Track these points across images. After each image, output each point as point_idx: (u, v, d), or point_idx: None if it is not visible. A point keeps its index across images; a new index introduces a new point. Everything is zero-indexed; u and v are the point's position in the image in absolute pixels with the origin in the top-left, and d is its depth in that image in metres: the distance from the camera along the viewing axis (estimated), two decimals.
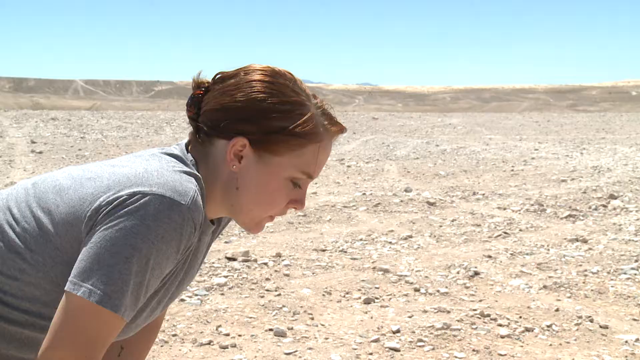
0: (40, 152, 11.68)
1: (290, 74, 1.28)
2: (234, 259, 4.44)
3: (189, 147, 1.30)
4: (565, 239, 5.20)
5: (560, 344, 3.09)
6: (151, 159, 1.23)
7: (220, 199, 1.28)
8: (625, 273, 4.19)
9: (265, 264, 4.38)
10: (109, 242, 1.09)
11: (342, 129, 1.30)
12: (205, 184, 1.25)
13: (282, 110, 1.22)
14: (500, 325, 3.29)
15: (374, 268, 4.33)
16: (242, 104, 1.22)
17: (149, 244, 1.10)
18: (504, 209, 6.49)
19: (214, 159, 1.26)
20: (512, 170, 9.74)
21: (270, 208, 1.27)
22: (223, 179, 1.26)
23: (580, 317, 3.40)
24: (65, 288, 1.10)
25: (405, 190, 7.57)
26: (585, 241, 5.07)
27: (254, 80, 1.23)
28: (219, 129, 1.24)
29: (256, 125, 1.21)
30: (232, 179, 1.25)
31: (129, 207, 1.10)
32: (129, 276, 1.09)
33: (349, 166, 10.23)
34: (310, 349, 3.02)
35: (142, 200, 1.11)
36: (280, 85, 1.24)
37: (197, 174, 1.23)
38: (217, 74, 1.28)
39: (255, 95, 1.22)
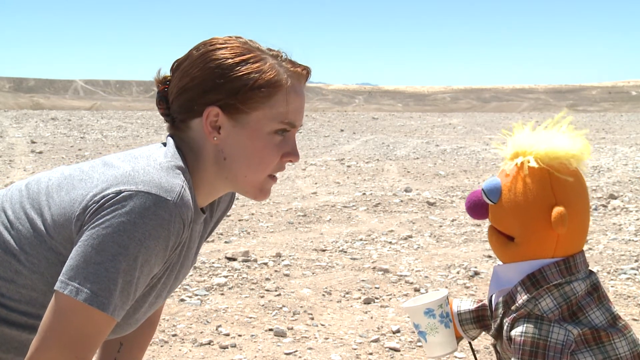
0: (40, 152, 11.68)
1: (237, 36, 1.29)
2: (234, 259, 4.44)
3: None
4: None
5: None
6: (140, 157, 1.23)
7: (213, 178, 1.27)
8: (625, 273, 4.19)
9: (265, 264, 4.38)
10: (95, 240, 1.09)
11: (306, 69, 1.30)
12: (193, 170, 1.25)
13: (240, 69, 1.22)
14: None
15: (374, 268, 4.33)
16: (200, 78, 1.23)
17: (136, 242, 1.09)
18: None
19: (195, 141, 1.26)
20: None
21: (264, 167, 1.27)
22: (210, 156, 1.26)
23: None
24: (54, 287, 1.10)
25: (405, 190, 7.57)
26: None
27: (205, 52, 1.24)
28: (189, 110, 1.25)
29: (220, 91, 1.22)
30: (218, 152, 1.25)
31: (115, 205, 1.10)
32: (117, 274, 1.09)
33: (349, 166, 10.23)
34: (310, 349, 3.02)
35: (128, 198, 1.11)
36: (230, 47, 1.25)
37: (182, 165, 1.22)
38: (173, 63, 1.30)
39: (210, 65, 1.23)
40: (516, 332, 1.20)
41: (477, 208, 1.35)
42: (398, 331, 3.21)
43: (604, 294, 1.28)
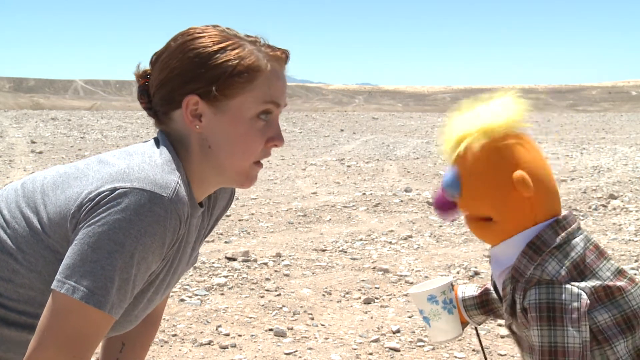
0: (40, 152, 11.68)
1: (215, 25, 1.29)
2: (234, 259, 4.44)
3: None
4: None
5: None
6: (135, 154, 1.22)
7: (202, 168, 1.26)
8: None
9: (265, 264, 4.38)
10: (91, 238, 1.08)
11: (285, 52, 1.29)
12: (185, 163, 1.24)
13: (219, 56, 1.22)
14: (500, 325, 3.29)
15: (374, 268, 4.33)
16: (180, 69, 1.22)
17: (132, 239, 1.09)
18: None
19: (179, 133, 1.26)
20: None
21: (249, 153, 1.25)
22: (195, 146, 1.25)
23: None
24: (52, 286, 1.10)
25: (405, 190, 7.57)
26: None
27: (183, 43, 1.24)
28: (170, 101, 1.24)
29: (200, 80, 1.21)
30: (202, 141, 1.24)
31: (111, 203, 1.10)
32: (114, 272, 1.08)
33: (349, 166, 10.23)
34: (310, 349, 3.02)
35: (123, 195, 1.10)
36: (208, 36, 1.24)
37: (176, 160, 1.22)
38: (152, 56, 1.29)
39: (189, 55, 1.22)
40: (530, 300, 1.19)
41: (445, 208, 1.36)
42: (398, 331, 3.21)
43: (604, 250, 1.29)
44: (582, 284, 1.20)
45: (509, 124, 1.28)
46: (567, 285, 1.18)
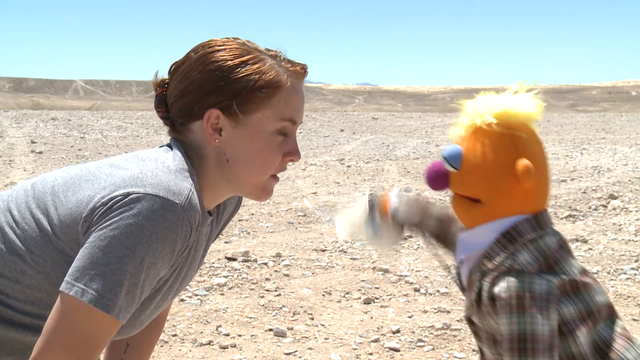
0: (40, 152, 11.68)
1: (235, 37, 1.29)
2: (234, 259, 4.44)
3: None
4: None
5: None
6: (148, 159, 1.22)
7: (216, 180, 1.27)
8: (625, 273, 4.19)
9: (265, 264, 4.38)
10: (103, 242, 1.09)
11: (304, 67, 1.30)
12: (198, 173, 1.25)
13: (240, 70, 1.22)
14: None
15: (374, 268, 4.33)
16: (201, 81, 1.23)
17: (143, 244, 1.09)
18: None
19: (197, 143, 1.26)
20: None
21: (266, 168, 1.26)
22: (212, 159, 1.25)
23: None
24: (60, 288, 1.10)
25: (405, 191, 7.57)
26: (585, 241, 5.07)
27: (204, 55, 1.24)
28: (190, 113, 1.24)
29: (221, 93, 1.22)
30: (220, 154, 1.25)
31: (123, 208, 1.10)
32: (123, 277, 1.08)
33: (349, 166, 10.23)
34: (310, 349, 3.02)
35: (136, 201, 1.10)
36: (229, 49, 1.24)
37: (190, 168, 1.22)
38: (171, 66, 1.30)
39: (209, 67, 1.23)
40: (500, 288, 1.21)
41: (438, 178, 1.36)
42: (398, 331, 3.21)
43: (571, 250, 1.32)
44: (551, 277, 1.22)
45: (527, 117, 1.31)
46: (536, 276, 1.21)
